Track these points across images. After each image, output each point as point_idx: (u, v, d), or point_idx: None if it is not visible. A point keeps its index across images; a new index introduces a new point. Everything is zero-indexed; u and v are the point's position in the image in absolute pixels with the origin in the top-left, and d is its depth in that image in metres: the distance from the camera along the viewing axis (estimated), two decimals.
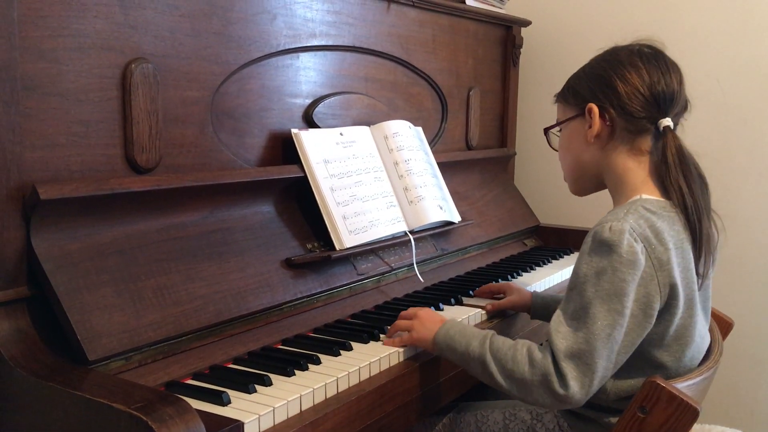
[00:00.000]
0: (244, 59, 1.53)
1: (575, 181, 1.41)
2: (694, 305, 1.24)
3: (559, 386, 1.16)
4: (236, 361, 1.32)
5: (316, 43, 1.71)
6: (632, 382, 1.23)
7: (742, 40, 2.30)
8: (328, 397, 1.20)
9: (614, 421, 1.19)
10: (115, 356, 1.17)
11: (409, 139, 1.88)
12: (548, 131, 1.45)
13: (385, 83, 1.97)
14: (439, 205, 1.87)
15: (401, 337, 1.39)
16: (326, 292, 1.59)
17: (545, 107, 1.43)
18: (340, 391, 1.23)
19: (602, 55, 1.34)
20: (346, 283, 1.64)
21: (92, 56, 1.26)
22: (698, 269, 1.24)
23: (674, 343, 1.23)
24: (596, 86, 1.30)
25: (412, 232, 1.79)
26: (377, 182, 1.75)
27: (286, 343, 1.42)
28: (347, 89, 1.83)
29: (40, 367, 1.10)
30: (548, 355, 1.18)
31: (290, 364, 1.26)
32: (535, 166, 2.71)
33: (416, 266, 1.80)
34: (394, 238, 1.74)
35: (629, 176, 1.29)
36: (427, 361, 1.38)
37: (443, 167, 2.03)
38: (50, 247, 1.17)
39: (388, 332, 1.44)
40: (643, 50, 1.30)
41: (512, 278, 1.96)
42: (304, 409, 1.15)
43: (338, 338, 1.41)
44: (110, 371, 1.16)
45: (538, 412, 1.42)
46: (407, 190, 1.81)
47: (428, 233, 1.87)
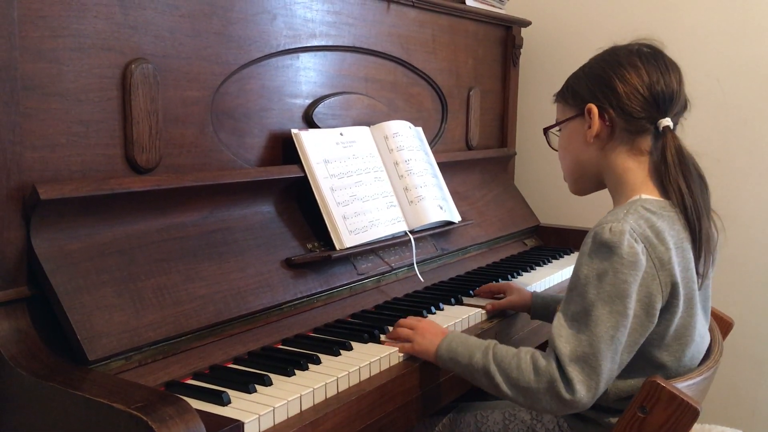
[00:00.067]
0: (244, 59, 1.54)
1: (575, 181, 1.41)
2: (694, 305, 1.24)
3: (565, 391, 1.15)
4: (236, 360, 1.32)
5: (316, 43, 1.71)
6: (632, 382, 1.23)
7: (742, 40, 2.30)
8: (328, 396, 1.20)
9: (614, 421, 1.19)
10: (115, 356, 1.17)
11: (409, 139, 1.88)
12: (548, 131, 1.45)
13: (385, 83, 1.97)
14: (439, 205, 1.87)
15: (402, 344, 1.38)
16: (326, 291, 1.59)
17: (545, 107, 1.43)
18: (340, 391, 1.23)
19: (601, 55, 1.34)
20: (346, 282, 1.64)
21: (92, 56, 1.26)
22: (698, 269, 1.24)
23: (674, 342, 1.23)
24: (595, 86, 1.30)
25: (412, 231, 1.79)
26: (377, 182, 1.75)
27: (286, 342, 1.42)
28: (347, 89, 1.83)
29: (40, 367, 1.10)
30: (552, 361, 1.18)
31: (290, 363, 1.26)
32: (535, 166, 2.71)
33: (416, 266, 1.80)
34: (394, 238, 1.74)
35: (629, 176, 1.29)
36: (426, 361, 1.38)
37: (443, 167, 2.03)
38: (50, 247, 1.17)
39: (387, 336, 1.44)
40: (642, 50, 1.30)
41: (512, 278, 1.96)
42: (304, 409, 1.15)
43: (338, 338, 1.41)
44: (110, 371, 1.16)
45: (538, 411, 1.41)
46: (407, 190, 1.81)
47: (428, 233, 1.87)
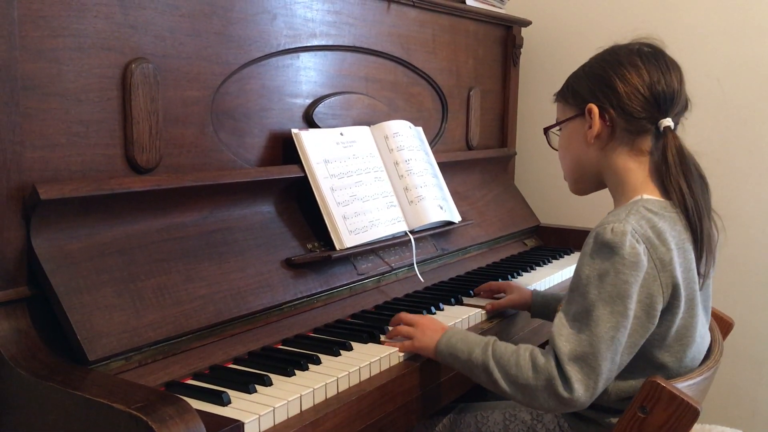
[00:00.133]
0: (244, 59, 1.53)
1: (575, 180, 1.40)
2: (695, 305, 1.24)
3: (563, 390, 1.15)
4: (236, 361, 1.32)
5: (316, 43, 1.71)
6: (633, 382, 1.23)
7: (742, 40, 2.30)
8: (328, 397, 1.20)
9: (615, 421, 1.18)
10: (115, 356, 1.17)
11: (409, 139, 1.88)
12: (548, 131, 1.44)
13: (385, 83, 1.97)
14: (439, 205, 1.87)
15: (402, 343, 1.39)
16: (326, 292, 1.59)
17: (545, 107, 1.42)
18: (340, 391, 1.23)
19: (602, 54, 1.34)
20: (346, 283, 1.64)
21: (92, 56, 1.26)
22: (699, 269, 1.24)
23: (676, 343, 1.23)
24: (596, 86, 1.29)
25: (412, 232, 1.79)
26: (377, 182, 1.75)
27: (286, 343, 1.42)
28: (347, 89, 1.83)
29: (40, 367, 1.10)
30: (551, 358, 1.18)
31: (290, 364, 1.26)
32: (535, 166, 2.71)
33: (416, 266, 1.80)
34: (394, 238, 1.74)
35: (629, 176, 1.29)
36: (427, 361, 1.38)
37: (443, 167, 2.02)
38: (50, 247, 1.17)
39: (387, 335, 1.44)
40: (642, 49, 1.29)
41: (512, 278, 1.96)
42: (304, 409, 1.15)
43: (338, 338, 1.41)
44: (110, 371, 1.16)
45: (538, 412, 1.41)
46: (407, 190, 1.81)
47: (428, 233, 1.87)
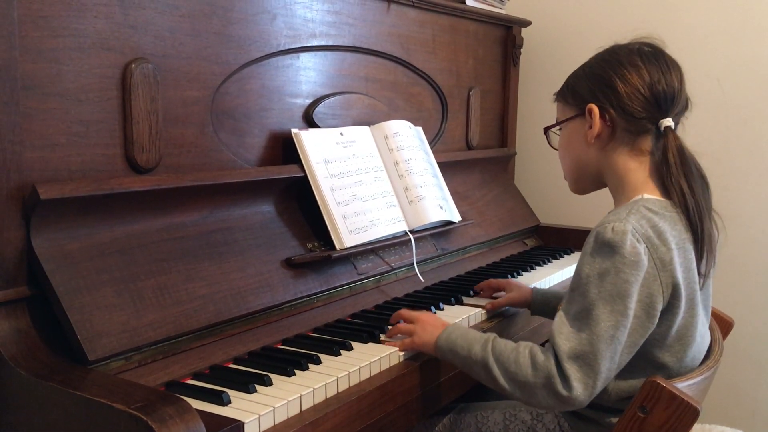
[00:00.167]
0: (244, 59, 1.53)
1: (575, 180, 1.40)
2: (695, 305, 1.24)
3: (562, 388, 1.16)
4: (236, 360, 1.32)
5: (316, 43, 1.71)
6: (633, 382, 1.23)
7: (742, 40, 2.30)
8: (328, 396, 1.20)
9: (615, 421, 1.18)
10: (115, 356, 1.17)
11: (409, 139, 1.88)
12: (548, 131, 1.44)
13: (385, 83, 1.97)
14: (439, 204, 1.87)
15: (403, 341, 1.39)
16: (326, 291, 1.59)
17: (545, 107, 1.43)
18: (340, 390, 1.23)
19: (602, 54, 1.33)
20: (346, 282, 1.64)
21: (92, 56, 1.26)
22: (700, 269, 1.24)
23: (676, 343, 1.23)
24: (596, 86, 1.29)
25: (412, 231, 1.79)
26: (377, 182, 1.75)
27: (286, 342, 1.42)
28: (347, 89, 1.83)
29: (40, 366, 1.10)
30: (551, 356, 1.18)
31: (290, 363, 1.26)
32: (535, 166, 2.71)
33: (416, 266, 1.80)
34: (394, 237, 1.74)
35: (630, 176, 1.29)
36: (427, 360, 1.38)
37: (443, 167, 2.02)
38: (50, 247, 1.17)
39: (388, 333, 1.44)
40: (643, 49, 1.29)
41: (513, 278, 1.95)
42: (304, 408, 1.15)
43: (338, 338, 1.41)
44: (110, 371, 1.16)
45: (538, 412, 1.41)
46: (407, 189, 1.81)
47: (428, 233, 1.87)
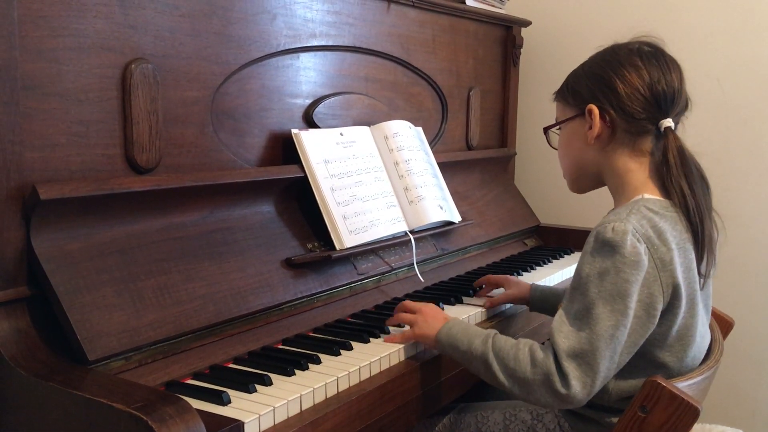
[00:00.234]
0: (244, 59, 1.53)
1: (575, 180, 1.40)
2: (696, 305, 1.24)
3: (561, 386, 1.16)
4: (236, 360, 1.32)
5: (316, 43, 1.71)
6: (634, 382, 1.23)
7: (742, 40, 2.30)
8: (328, 396, 1.20)
9: (615, 421, 1.18)
10: (115, 356, 1.17)
11: (409, 139, 1.88)
12: (548, 130, 1.44)
13: (385, 83, 1.97)
14: (439, 204, 1.87)
15: (403, 332, 1.39)
16: (326, 291, 1.59)
17: (545, 107, 1.43)
18: (340, 390, 1.23)
19: (602, 53, 1.33)
20: (346, 282, 1.64)
21: (92, 56, 1.26)
22: (700, 269, 1.24)
23: (676, 343, 1.23)
24: (596, 87, 1.29)
25: (412, 231, 1.79)
26: (377, 182, 1.75)
27: (286, 342, 1.42)
28: (347, 89, 1.83)
29: (40, 366, 1.10)
30: (550, 354, 1.18)
31: (290, 363, 1.26)
32: (535, 166, 2.71)
33: (416, 266, 1.80)
34: (394, 237, 1.74)
35: (630, 177, 1.29)
36: (427, 360, 1.38)
37: (443, 167, 2.02)
38: (50, 247, 1.17)
39: (389, 321, 1.45)
40: (642, 49, 1.29)
41: None
42: (304, 408, 1.15)
43: (338, 338, 1.41)
44: (110, 371, 1.16)
45: (538, 412, 1.41)
46: (407, 190, 1.81)
47: (428, 233, 1.87)
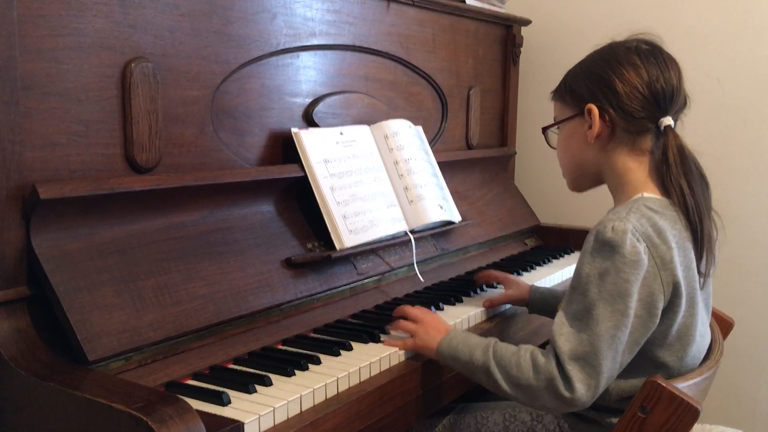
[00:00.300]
0: (244, 58, 1.53)
1: (574, 179, 1.40)
2: (695, 304, 1.24)
3: (564, 389, 1.15)
4: (236, 361, 1.32)
5: (316, 42, 1.71)
6: (634, 382, 1.23)
7: (742, 40, 2.30)
8: (328, 397, 1.20)
9: (615, 421, 1.18)
10: (115, 356, 1.17)
11: (409, 138, 1.88)
12: (546, 130, 1.44)
13: (385, 82, 1.97)
14: (439, 204, 1.87)
15: (404, 341, 1.38)
16: (326, 291, 1.58)
17: (545, 106, 1.42)
18: (340, 391, 1.23)
19: (599, 52, 1.32)
20: (346, 282, 1.64)
21: (92, 55, 1.26)
22: (700, 268, 1.24)
23: (676, 342, 1.23)
24: (595, 86, 1.28)
25: (412, 231, 1.78)
26: (377, 182, 1.75)
27: (286, 343, 1.42)
28: (347, 88, 1.83)
29: (40, 367, 1.10)
30: (552, 358, 1.18)
31: (290, 364, 1.25)
32: (535, 165, 2.71)
33: (416, 266, 1.80)
34: (394, 237, 1.74)
35: (630, 176, 1.29)
36: (427, 361, 1.38)
37: (443, 167, 2.02)
38: (50, 246, 1.17)
39: (390, 327, 1.44)
40: (640, 47, 1.28)
41: None
42: (304, 409, 1.15)
43: (338, 338, 1.41)
44: (110, 371, 1.16)
45: (538, 413, 1.41)
46: (407, 189, 1.81)
47: (428, 233, 1.87)
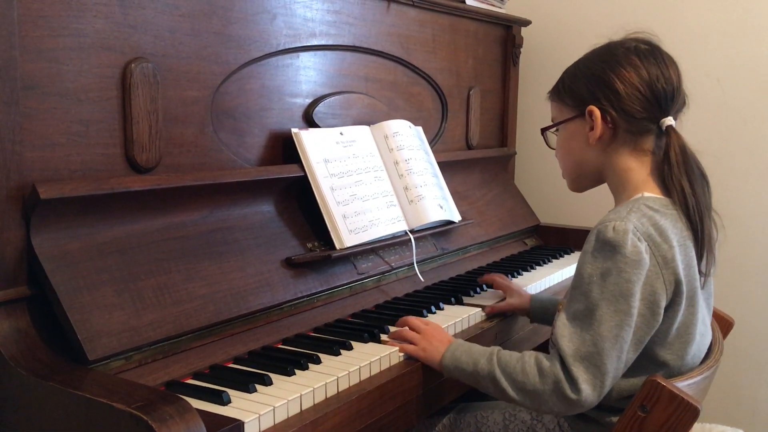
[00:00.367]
0: (244, 59, 1.53)
1: (575, 179, 1.40)
2: (696, 302, 1.23)
3: (571, 391, 1.15)
4: (236, 360, 1.32)
5: (316, 42, 1.71)
6: (635, 381, 1.23)
7: (742, 40, 2.30)
8: (328, 396, 1.20)
9: (616, 420, 1.18)
10: (115, 356, 1.17)
11: (409, 138, 1.88)
12: (546, 131, 1.43)
13: (385, 83, 1.97)
14: (439, 204, 1.87)
15: (407, 347, 1.37)
16: (326, 291, 1.59)
17: (545, 107, 1.42)
18: (340, 390, 1.23)
19: (598, 52, 1.32)
20: (346, 282, 1.64)
21: (92, 56, 1.26)
22: (700, 268, 1.23)
23: (677, 341, 1.22)
24: (595, 87, 1.28)
25: (412, 231, 1.79)
26: (377, 181, 1.75)
27: (286, 342, 1.42)
28: (347, 89, 1.83)
29: (40, 366, 1.10)
30: (556, 361, 1.18)
31: (291, 363, 1.26)
32: (535, 165, 2.71)
33: (416, 265, 1.80)
34: (394, 237, 1.74)
35: (631, 176, 1.29)
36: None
37: (443, 167, 2.02)
38: (50, 246, 1.17)
39: (391, 335, 1.43)
40: (639, 47, 1.28)
41: (512, 277, 1.96)
42: (304, 408, 1.15)
43: (339, 337, 1.41)
44: (110, 371, 1.16)
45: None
46: (407, 189, 1.81)
47: (428, 233, 1.87)
